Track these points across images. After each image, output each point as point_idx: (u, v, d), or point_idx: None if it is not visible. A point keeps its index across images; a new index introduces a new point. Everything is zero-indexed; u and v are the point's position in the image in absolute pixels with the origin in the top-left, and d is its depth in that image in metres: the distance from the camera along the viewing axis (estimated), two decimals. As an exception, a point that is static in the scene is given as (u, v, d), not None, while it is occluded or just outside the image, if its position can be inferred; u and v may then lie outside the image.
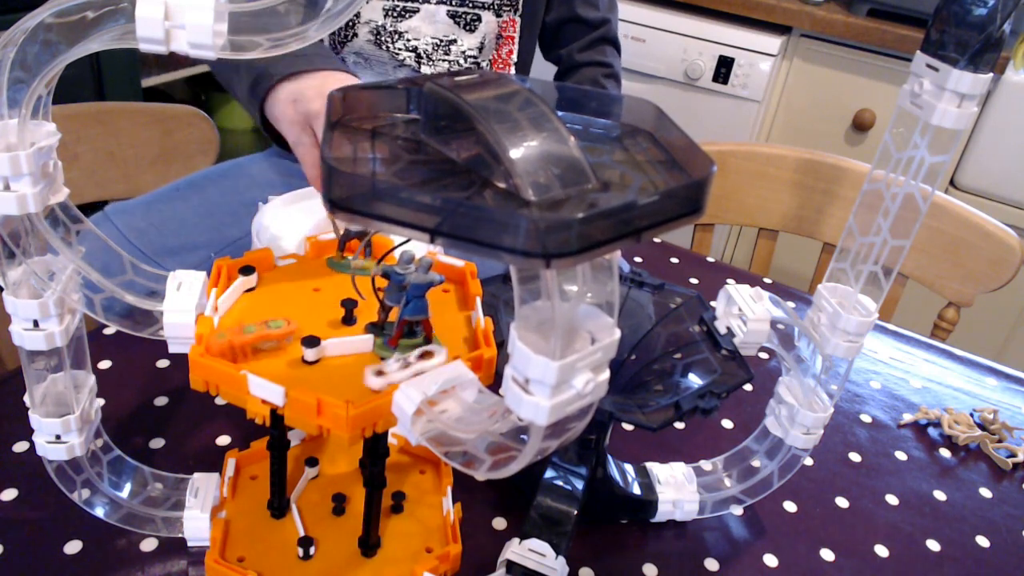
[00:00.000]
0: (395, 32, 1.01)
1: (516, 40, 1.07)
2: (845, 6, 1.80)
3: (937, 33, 0.48)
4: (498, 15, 1.04)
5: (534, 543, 0.56)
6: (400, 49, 1.01)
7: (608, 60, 1.13)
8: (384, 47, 1.01)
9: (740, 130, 1.89)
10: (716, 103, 1.89)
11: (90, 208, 1.03)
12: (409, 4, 1.00)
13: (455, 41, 1.02)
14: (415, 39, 1.02)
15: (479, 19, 1.03)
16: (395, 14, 1.00)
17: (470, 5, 1.02)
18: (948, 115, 0.49)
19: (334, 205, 0.32)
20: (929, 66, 0.49)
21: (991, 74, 0.48)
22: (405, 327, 0.45)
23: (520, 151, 0.31)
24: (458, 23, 1.02)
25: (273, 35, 0.36)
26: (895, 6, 1.71)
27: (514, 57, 1.09)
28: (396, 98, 0.40)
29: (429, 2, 1.01)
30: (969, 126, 0.50)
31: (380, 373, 0.41)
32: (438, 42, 1.02)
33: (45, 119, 0.41)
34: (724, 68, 1.84)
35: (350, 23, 1.01)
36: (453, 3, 1.01)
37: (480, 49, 1.04)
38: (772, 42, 1.79)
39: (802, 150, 1.23)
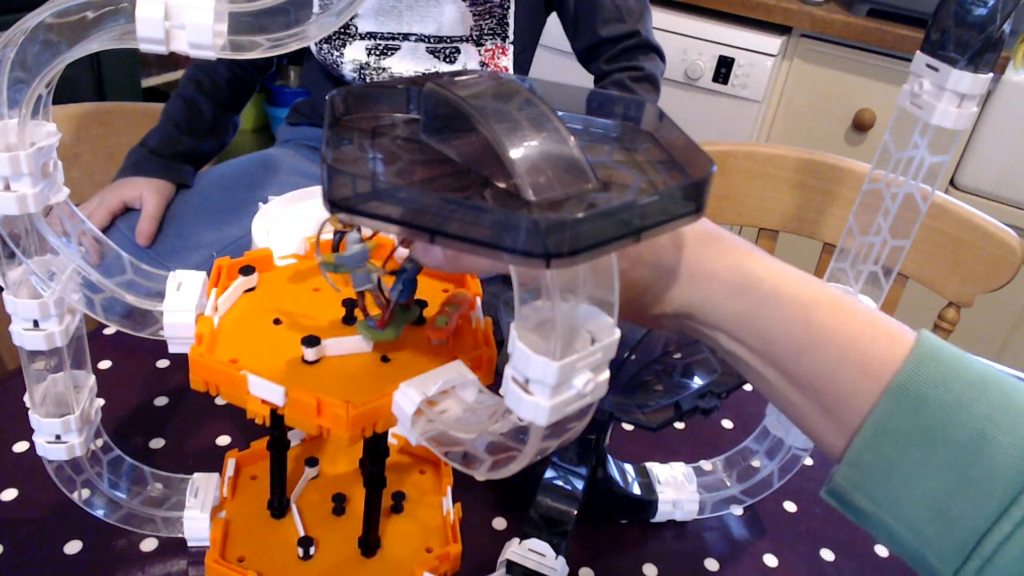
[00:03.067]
0: (379, 68, 1.04)
1: (510, 68, 1.08)
2: (845, 6, 1.80)
3: (937, 33, 0.48)
4: (479, 44, 1.05)
5: (534, 543, 0.56)
6: None
7: (638, 64, 1.12)
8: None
9: (740, 130, 1.89)
10: (716, 103, 1.89)
11: (90, 208, 1.03)
12: (391, 42, 1.03)
13: (437, 73, 1.05)
14: (398, 73, 1.04)
15: (458, 51, 1.05)
16: (378, 52, 1.03)
17: (448, 40, 1.04)
18: (948, 115, 0.49)
19: (334, 205, 0.32)
20: (929, 66, 0.49)
21: (991, 74, 0.48)
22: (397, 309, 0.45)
23: (520, 151, 0.31)
24: (437, 56, 1.05)
25: (273, 35, 0.36)
26: (895, 6, 1.71)
27: None
28: (396, 98, 0.40)
29: (409, 39, 1.03)
30: (969, 126, 0.50)
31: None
32: (420, 75, 1.05)
33: (45, 119, 0.41)
34: (724, 68, 1.84)
35: (334, 64, 1.04)
36: (431, 40, 1.03)
37: None
38: (772, 42, 1.79)
39: (802, 150, 1.22)
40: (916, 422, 0.34)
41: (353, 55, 1.03)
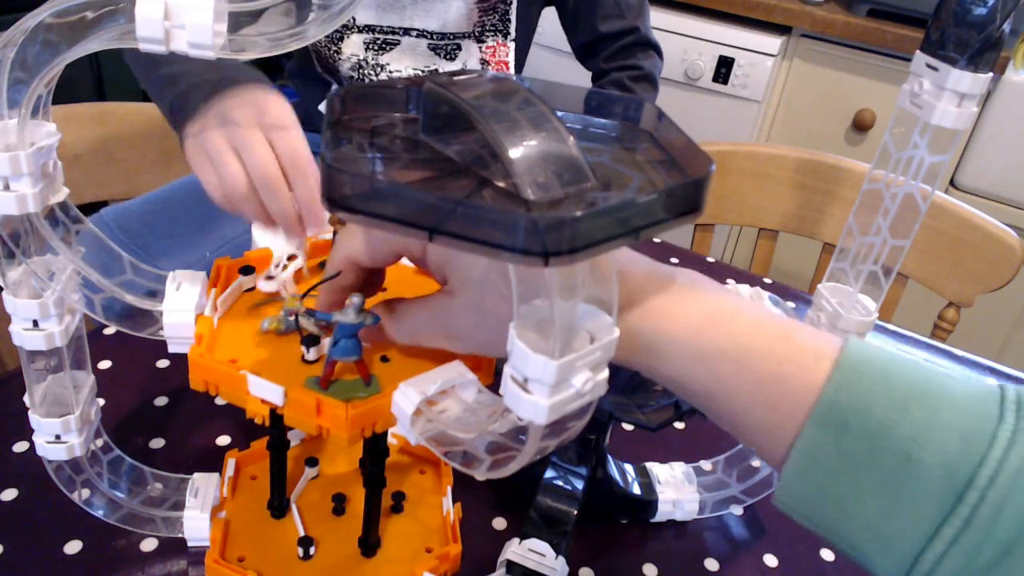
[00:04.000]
0: (377, 65, 1.02)
1: (511, 66, 1.07)
2: (845, 6, 1.80)
3: (937, 33, 0.48)
4: (480, 41, 1.04)
5: (534, 543, 0.56)
6: None
7: (637, 63, 1.11)
8: (366, 79, 1.02)
9: (740, 130, 1.89)
10: (716, 103, 1.89)
11: (90, 208, 1.04)
12: (390, 37, 1.01)
13: (436, 71, 1.03)
14: (397, 70, 1.02)
15: (459, 48, 1.03)
16: (376, 47, 1.01)
17: (451, 37, 1.02)
18: (948, 115, 0.49)
19: (333, 205, 0.32)
20: (929, 66, 0.49)
21: (991, 74, 0.48)
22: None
23: (519, 150, 0.31)
24: (438, 53, 1.03)
25: (273, 35, 0.36)
26: (895, 6, 1.71)
27: None
28: (396, 97, 0.40)
29: (410, 35, 1.01)
30: (969, 126, 0.50)
31: (269, 277, 0.45)
32: (420, 72, 1.03)
33: (45, 119, 0.41)
34: (724, 68, 1.84)
35: (331, 59, 1.02)
36: (434, 36, 1.02)
37: None
38: (772, 42, 1.79)
39: (802, 150, 1.22)
40: (841, 449, 0.34)
41: (351, 50, 1.02)
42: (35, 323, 0.45)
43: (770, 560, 0.63)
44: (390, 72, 1.03)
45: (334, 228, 0.54)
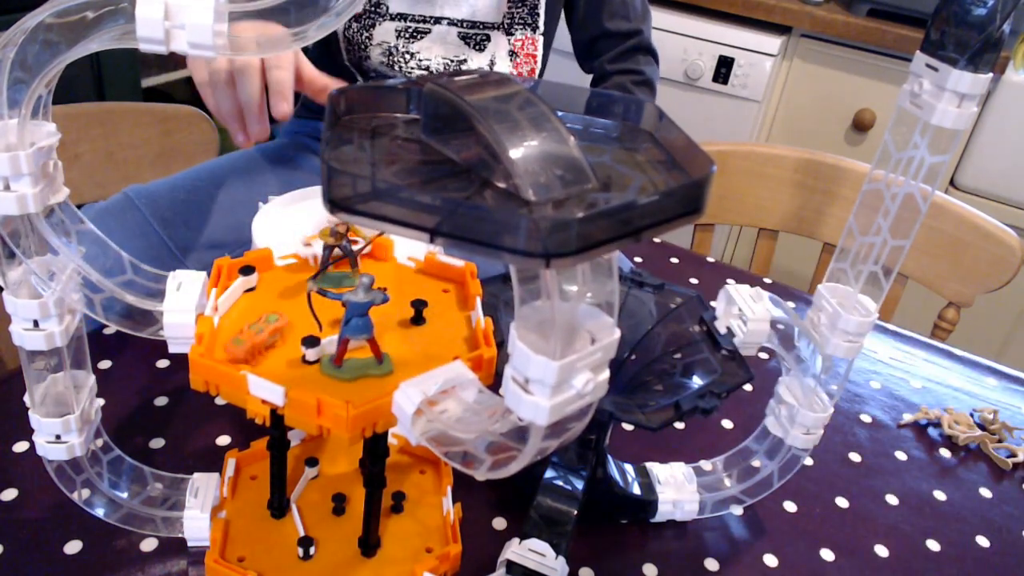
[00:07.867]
0: (407, 52, 1.02)
1: (539, 59, 1.08)
2: (845, 6, 1.80)
3: (937, 33, 0.48)
4: (509, 33, 1.05)
5: (534, 543, 0.56)
6: (412, 68, 1.03)
7: (639, 68, 1.13)
8: (396, 67, 1.02)
9: (740, 130, 1.89)
10: (716, 103, 1.89)
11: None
12: (421, 26, 1.02)
13: (465, 60, 1.04)
14: (427, 59, 1.03)
15: (488, 39, 1.04)
16: (407, 35, 1.02)
17: (480, 27, 1.03)
18: (948, 115, 0.49)
19: (334, 205, 0.32)
20: (929, 66, 0.49)
21: (991, 74, 0.48)
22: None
23: (520, 151, 0.31)
24: (468, 43, 1.04)
25: (274, 35, 0.36)
26: (895, 6, 1.71)
27: (536, 76, 1.10)
28: (396, 98, 0.40)
29: (440, 23, 1.02)
30: (969, 126, 0.49)
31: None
32: (449, 61, 1.04)
33: (45, 119, 0.41)
34: (724, 68, 1.84)
35: (362, 45, 1.03)
36: (464, 25, 1.02)
37: (491, 67, 1.06)
38: (772, 42, 1.79)
39: (802, 150, 1.23)
40: None
41: (382, 37, 1.02)
42: (35, 323, 0.45)
43: (770, 560, 0.63)
44: (420, 60, 1.03)
45: (324, 244, 0.53)
